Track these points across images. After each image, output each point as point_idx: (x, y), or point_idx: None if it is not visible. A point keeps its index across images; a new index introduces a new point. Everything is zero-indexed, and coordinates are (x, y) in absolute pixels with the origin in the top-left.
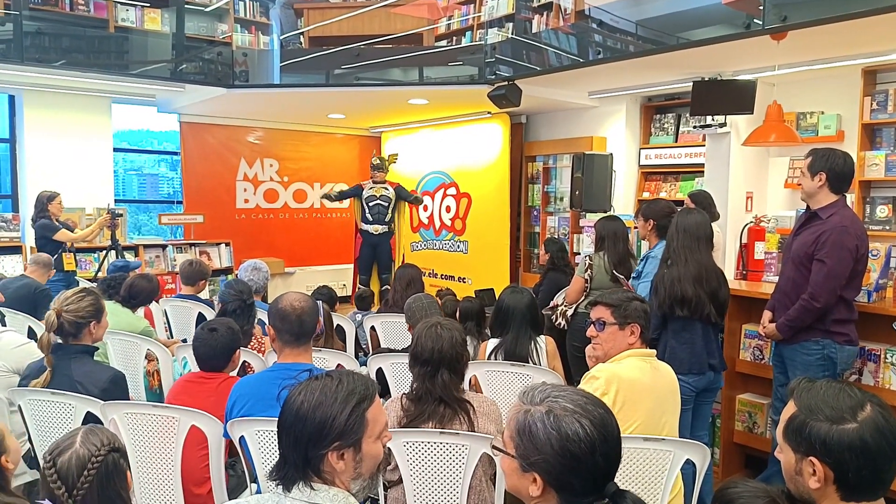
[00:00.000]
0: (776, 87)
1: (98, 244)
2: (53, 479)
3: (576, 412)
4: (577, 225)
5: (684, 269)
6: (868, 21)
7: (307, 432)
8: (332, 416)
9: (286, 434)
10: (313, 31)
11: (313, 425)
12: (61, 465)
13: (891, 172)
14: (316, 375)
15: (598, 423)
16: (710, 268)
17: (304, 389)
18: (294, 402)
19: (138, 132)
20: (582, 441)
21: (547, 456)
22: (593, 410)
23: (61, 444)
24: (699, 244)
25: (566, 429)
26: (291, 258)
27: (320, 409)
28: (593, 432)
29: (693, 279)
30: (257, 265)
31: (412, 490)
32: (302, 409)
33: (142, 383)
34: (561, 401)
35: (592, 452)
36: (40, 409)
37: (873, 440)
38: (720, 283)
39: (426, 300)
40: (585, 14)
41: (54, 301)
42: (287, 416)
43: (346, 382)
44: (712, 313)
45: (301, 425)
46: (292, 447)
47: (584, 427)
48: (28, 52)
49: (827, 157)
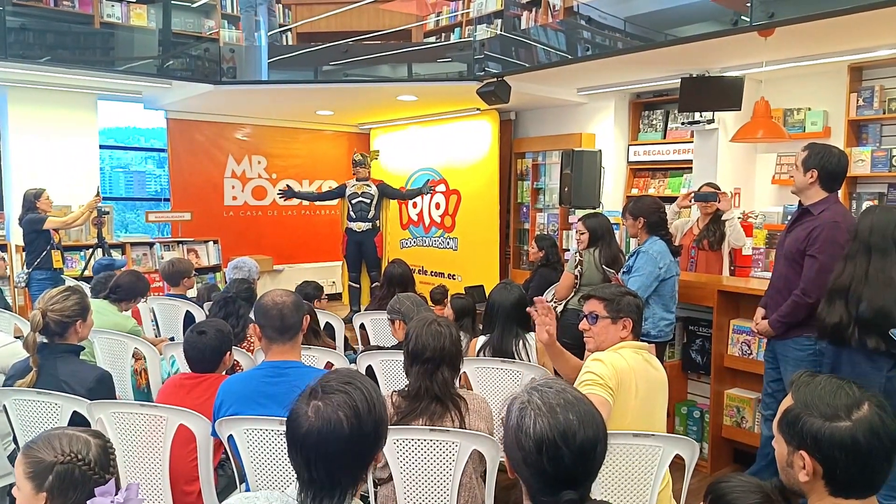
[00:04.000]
0: (763, 83)
1: (85, 242)
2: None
3: (541, 409)
4: (566, 221)
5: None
6: (854, 18)
7: (367, 444)
8: (381, 417)
9: (337, 458)
10: (301, 27)
11: (371, 436)
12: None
13: (877, 168)
14: (317, 393)
15: (560, 428)
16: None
17: (339, 408)
18: (338, 423)
19: (125, 129)
20: (531, 437)
21: (508, 441)
22: (562, 415)
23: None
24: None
25: (524, 422)
26: (280, 256)
27: (370, 416)
28: (547, 433)
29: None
30: (238, 264)
31: (402, 488)
32: (353, 425)
33: (129, 382)
34: (545, 396)
35: (539, 451)
36: (26, 409)
37: (865, 440)
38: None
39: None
40: (574, 10)
41: (39, 300)
42: (336, 441)
43: (362, 383)
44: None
45: (357, 442)
46: (348, 468)
47: (540, 426)
48: (12, 49)
49: (821, 155)
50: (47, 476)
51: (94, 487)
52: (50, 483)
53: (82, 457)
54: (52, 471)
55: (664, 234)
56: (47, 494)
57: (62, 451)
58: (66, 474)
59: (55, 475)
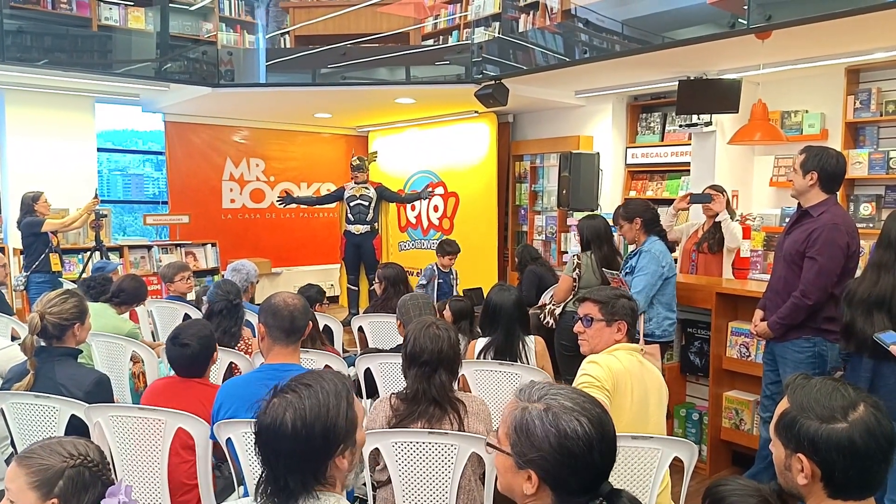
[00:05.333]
0: (761, 86)
1: (83, 245)
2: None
3: (574, 410)
4: (565, 224)
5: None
6: (851, 20)
7: (313, 448)
8: (333, 423)
9: (286, 457)
10: (299, 30)
11: (318, 440)
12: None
13: (874, 170)
14: (279, 389)
15: (596, 421)
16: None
17: (288, 408)
18: (283, 423)
19: (122, 132)
20: (580, 438)
21: (544, 453)
22: (591, 409)
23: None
24: None
25: (565, 426)
26: (278, 258)
27: (319, 421)
28: (591, 430)
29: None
30: (237, 266)
31: (401, 490)
32: (297, 427)
33: (127, 385)
34: (559, 398)
35: (590, 450)
36: (23, 412)
37: (862, 441)
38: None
39: (422, 300)
40: (572, 13)
41: (37, 303)
42: (281, 440)
43: (325, 384)
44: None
45: (304, 444)
46: (296, 468)
47: (583, 425)
48: (9, 51)
49: (820, 157)
50: (57, 481)
51: (104, 487)
52: (61, 488)
53: (91, 458)
54: (63, 475)
55: (660, 230)
56: (58, 501)
57: (70, 454)
58: (77, 476)
59: (66, 479)
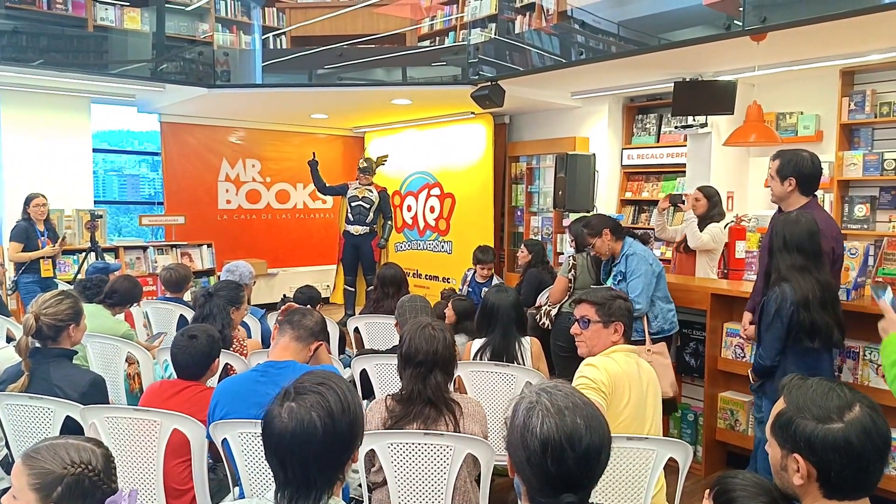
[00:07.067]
0: (756, 87)
1: (78, 246)
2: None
3: (549, 410)
4: (561, 225)
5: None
6: (846, 22)
7: (343, 443)
8: (355, 415)
9: (315, 459)
10: (296, 30)
11: (346, 434)
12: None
13: (868, 172)
14: (293, 393)
15: (567, 430)
16: (832, 287)
17: (312, 409)
18: (312, 424)
19: (118, 132)
20: (536, 437)
21: (512, 439)
22: (570, 418)
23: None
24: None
25: (531, 421)
26: (274, 259)
27: (345, 415)
28: (554, 434)
29: (819, 303)
30: (232, 267)
31: (397, 492)
32: (327, 425)
33: (122, 387)
34: (553, 398)
35: (543, 452)
36: (18, 413)
37: (858, 441)
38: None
39: (420, 302)
40: (568, 15)
41: (32, 304)
42: (311, 442)
43: (335, 380)
44: (840, 340)
45: (333, 442)
46: (326, 466)
47: (547, 427)
48: (5, 52)
49: (795, 162)
50: (56, 487)
51: (102, 496)
52: (59, 494)
53: (92, 466)
54: (62, 482)
55: (629, 231)
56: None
57: (71, 461)
58: (75, 485)
59: (65, 486)
